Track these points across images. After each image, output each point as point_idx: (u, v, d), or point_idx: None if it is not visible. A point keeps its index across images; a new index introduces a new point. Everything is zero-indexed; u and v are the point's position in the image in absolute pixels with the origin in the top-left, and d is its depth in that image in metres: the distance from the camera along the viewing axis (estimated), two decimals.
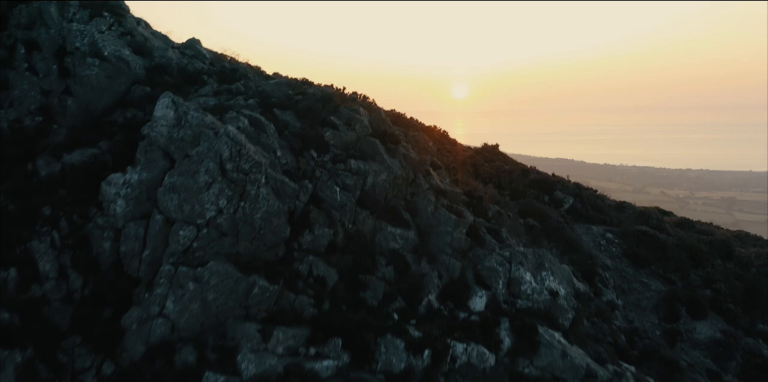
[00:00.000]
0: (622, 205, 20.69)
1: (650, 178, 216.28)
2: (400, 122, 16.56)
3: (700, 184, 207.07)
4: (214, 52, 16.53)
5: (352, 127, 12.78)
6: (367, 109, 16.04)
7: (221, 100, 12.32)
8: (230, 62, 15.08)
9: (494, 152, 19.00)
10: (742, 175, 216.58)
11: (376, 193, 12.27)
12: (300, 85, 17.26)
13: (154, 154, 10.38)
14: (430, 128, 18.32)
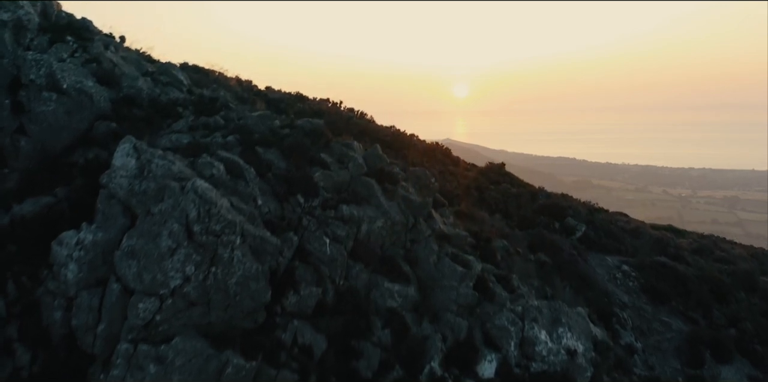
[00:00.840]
0: (637, 230, 19.14)
1: (652, 177, 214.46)
2: (399, 143, 15.02)
3: (702, 183, 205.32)
4: (200, 68, 15.04)
5: (345, 166, 11.27)
6: (365, 130, 14.54)
7: (197, 136, 10.81)
8: (213, 87, 13.57)
9: (500, 172, 17.38)
10: (745, 175, 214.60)
11: (371, 242, 10.78)
12: (294, 101, 15.77)
13: (113, 209, 8.90)
14: (431, 148, 16.75)
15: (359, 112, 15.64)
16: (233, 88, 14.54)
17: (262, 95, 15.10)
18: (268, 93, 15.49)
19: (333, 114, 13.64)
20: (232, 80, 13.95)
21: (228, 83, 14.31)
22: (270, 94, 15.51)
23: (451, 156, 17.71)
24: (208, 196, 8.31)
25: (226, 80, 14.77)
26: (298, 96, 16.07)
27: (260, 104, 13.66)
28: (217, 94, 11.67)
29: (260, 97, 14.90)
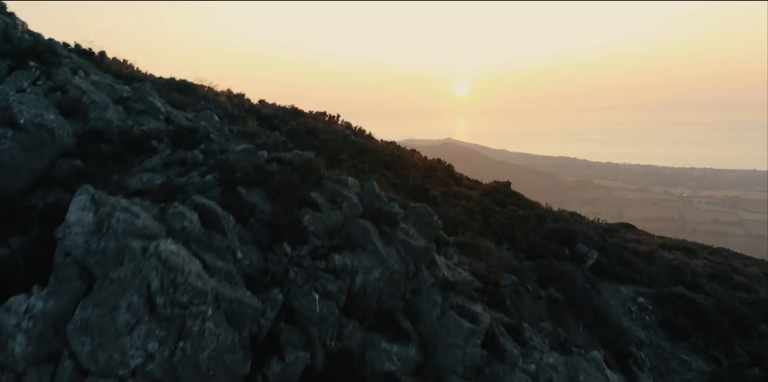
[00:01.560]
0: (650, 254, 17.82)
1: (653, 176, 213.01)
2: (399, 163, 13.72)
3: (703, 183, 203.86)
4: (188, 84, 13.76)
5: (338, 206, 10.00)
6: (363, 149, 13.26)
7: (171, 175, 9.54)
8: (200, 104, 12.28)
9: (505, 193, 16.05)
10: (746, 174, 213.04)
11: (366, 294, 9.52)
12: (288, 116, 14.51)
13: (68, 270, 7.64)
14: (432, 166, 15.44)
15: (356, 129, 14.36)
16: (223, 104, 13.28)
17: (254, 111, 13.85)
18: (261, 108, 14.23)
19: (329, 132, 12.35)
20: (222, 96, 12.67)
21: (218, 100, 13.03)
22: (263, 109, 14.26)
23: (453, 173, 16.41)
24: (173, 262, 7.04)
25: (215, 96, 13.50)
26: (293, 111, 14.81)
27: (252, 122, 12.41)
28: (197, 124, 10.37)
29: (252, 113, 13.65)
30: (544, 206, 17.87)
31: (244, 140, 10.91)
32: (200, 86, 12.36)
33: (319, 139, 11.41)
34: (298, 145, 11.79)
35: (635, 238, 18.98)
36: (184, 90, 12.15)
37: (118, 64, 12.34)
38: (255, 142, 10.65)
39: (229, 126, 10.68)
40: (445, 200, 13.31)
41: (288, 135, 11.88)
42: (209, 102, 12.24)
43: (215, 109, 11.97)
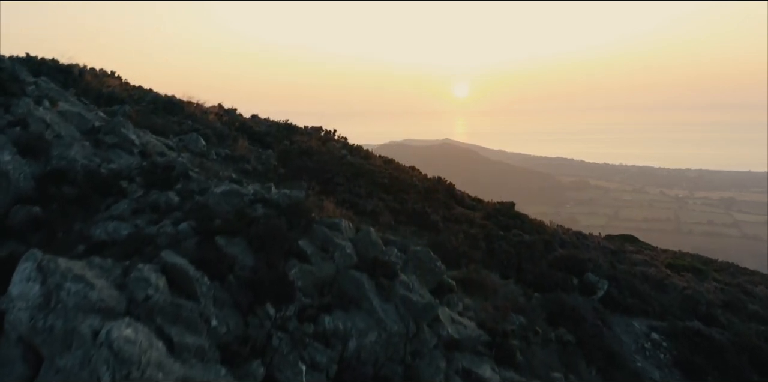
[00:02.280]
0: (662, 282, 16.66)
1: (650, 177, 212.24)
2: (398, 186, 12.51)
3: (699, 184, 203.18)
4: (175, 101, 12.55)
5: (330, 256, 8.80)
6: (360, 171, 12.04)
7: (140, 224, 8.32)
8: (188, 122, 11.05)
9: (509, 214, 14.83)
10: (741, 176, 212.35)
11: (361, 360, 8.33)
12: (281, 134, 13.32)
13: (11, 351, 6.42)
14: (432, 188, 14.23)
15: (353, 148, 13.11)
16: (212, 123, 12.05)
17: (246, 128, 12.63)
18: (253, 125, 13.00)
19: (324, 153, 11.14)
20: (212, 113, 11.45)
21: (206, 118, 11.79)
22: (255, 125, 13.03)
23: (455, 193, 15.20)
24: (127, 354, 5.82)
25: (204, 115, 12.26)
26: (286, 127, 13.58)
27: (242, 142, 11.20)
28: (173, 161, 9.11)
29: (244, 130, 12.44)
30: (550, 227, 16.65)
31: (233, 165, 9.65)
32: (188, 103, 11.17)
33: (313, 160, 10.22)
34: (290, 168, 10.57)
35: (642, 258, 17.77)
36: (171, 109, 10.95)
37: (98, 82, 11.10)
38: (243, 169, 9.41)
39: (217, 149, 9.47)
40: (447, 226, 12.09)
41: (280, 156, 10.68)
42: (197, 121, 11.04)
43: (203, 128, 10.76)
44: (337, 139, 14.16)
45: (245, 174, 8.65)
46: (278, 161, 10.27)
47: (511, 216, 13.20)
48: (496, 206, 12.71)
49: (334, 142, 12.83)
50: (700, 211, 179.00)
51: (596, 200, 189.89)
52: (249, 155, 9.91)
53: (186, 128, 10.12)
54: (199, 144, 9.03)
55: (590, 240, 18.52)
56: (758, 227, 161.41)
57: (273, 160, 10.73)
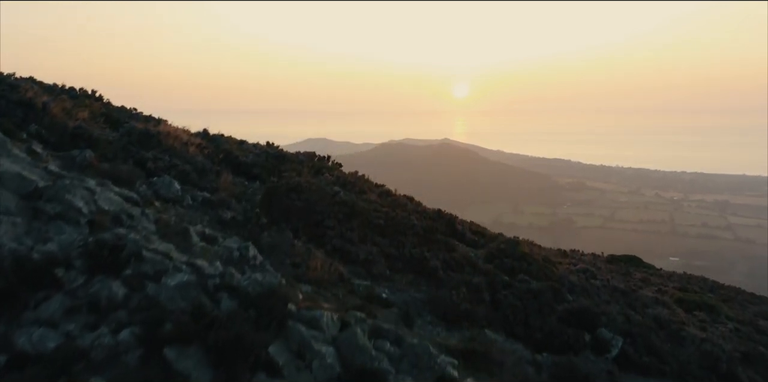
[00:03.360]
0: (679, 334, 15.49)
1: (645, 179, 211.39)
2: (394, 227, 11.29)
3: (694, 187, 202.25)
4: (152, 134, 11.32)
5: (307, 365, 7.10)
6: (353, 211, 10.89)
7: (73, 331, 6.26)
8: (158, 167, 9.86)
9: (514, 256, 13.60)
10: (736, 179, 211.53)
11: None
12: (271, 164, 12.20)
13: None
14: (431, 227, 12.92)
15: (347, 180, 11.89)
16: (192, 156, 10.81)
17: (231, 159, 11.47)
18: (240, 154, 11.82)
19: (314, 190, 9.98)
20: (192, 146, 10.27)
21: (186, 151, 10.59)
22: (242, 155, 11.85)
23: (456, 229, 14.01)
24: None
25: (184, 147, 11.02)
26: (276, 155, 12.41)
27: (225, 177, 10.04)
28: (124, 237, 7.63)
29: (229, 162, 11.29)
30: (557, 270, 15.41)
31: (210, 212, 8.49)
32: (166, 135, 9.99)
33: (302, 199, 9.10)
34: (276, 208, 9.43)
35: (653, 295, 16.70)
36: (147, 142, 9.80)
37: (66, 115, 9.87)
38: (220, 218, 8.23)
39: (194, 192, 8.33)
40: (447, 275, 10.91)
41: (266, 195, 9.52)
42: (176, 155, 9.86)
43: (182, 164, 9.59)
44: (331, 164, 13.02)
45: (222, 225, 7.52)
46: (264, 200, 9.13)
47: (516, 257, 12.08)
48: (501, 245, 11.64)
49: (328, 173, 11.66)
50: (695, 213, 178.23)
51: (593, 201, 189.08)
52: (229, 198, 8.78)
53: (162, 165, 9.00)
54: (173, 188, 7.91)
55: (598, 275, 17.32)
56: (752, 230, 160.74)
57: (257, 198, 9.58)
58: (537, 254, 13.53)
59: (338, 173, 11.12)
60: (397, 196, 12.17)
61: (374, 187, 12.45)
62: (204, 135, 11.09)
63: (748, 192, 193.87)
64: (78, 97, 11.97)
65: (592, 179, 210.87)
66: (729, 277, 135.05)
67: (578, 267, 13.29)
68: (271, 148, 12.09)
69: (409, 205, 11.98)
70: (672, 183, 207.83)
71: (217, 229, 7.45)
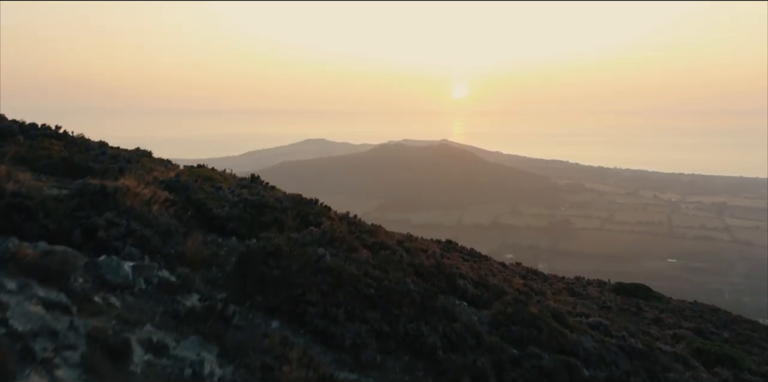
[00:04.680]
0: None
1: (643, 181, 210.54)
2: (387, 297, 9.96)
3: (692, 189, 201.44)
4: (108, 191, 10.01)
5: None
6: (339, 281, 9.69)
7: None
8: (110, 237, 8.52)
9: (523, 322, 12.21)
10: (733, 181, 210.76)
11: None
12: (249, 208, 10.88)
13: None
14: (429, 293, 11.39)
15: (333, 236, 10.31)
16: (155, 216, 9.01)
17: (204, 213, 10.08)
18: (215, 205, 10.38)
19: (295, 255, 8.73)
20: (157, 204, 8.91)
21: (147, 211, 9.14)
22: (217, 206, 10.39)
23: (457, 285, 12.65)
24: None
25: (145, 207, 9.32)
26: (256, 204, 10.96)
27: (194, 240, 8.60)
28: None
29: (200, 217, 9.94)
30: (570, 335, 13.90)
31: (164, 301, 7.11)
32: (125, 192, 8.59)
33: (281, 267, 7.80)
34: (251, 281, 8.18)
35: (671, 349, 15.36)
36: (101, 203, 8.48)
37: (4, 175, 8.35)
38: (175, 312, 6.84)
39: (149, 272, 7.00)
40: (447, 355, 9.53)
41: (240, 263, 8.23)
42: (135, 217, 8.50)
43: (141, 229, 8.23)
44: (320, 208, 11.71)
45: (178, 321, 6.22)
46: (237, 269, 7.86)
47: (525, 323, 10.74)
48: (507, 308, 10.34)
49: (314, 225, 10.30)
50: (692, 215, 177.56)
51: (591, 203, 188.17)
52: (194, 271, 7.50)
53: (117, 233, 7.66)
54: (121, 272, 6.62)
55: (613, 330, 15.82)
56: (749, 231, 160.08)
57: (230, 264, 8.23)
58: (545, 305, 12.24)
59: (326, 224, 9.81)
60: (390, 246, 10.87)
61: (368, 234, 11.15)
62: (174, 182, 9.78)
63: (746, 194, 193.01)
64: (38, 137, 10.67)
65: (591, 181, 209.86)
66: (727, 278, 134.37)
67: (591, 321, 12.01)
68: (252, 192, 10.78)
69: (405, 257, 10.70)
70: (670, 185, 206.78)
71: (171, 328, 6.11)
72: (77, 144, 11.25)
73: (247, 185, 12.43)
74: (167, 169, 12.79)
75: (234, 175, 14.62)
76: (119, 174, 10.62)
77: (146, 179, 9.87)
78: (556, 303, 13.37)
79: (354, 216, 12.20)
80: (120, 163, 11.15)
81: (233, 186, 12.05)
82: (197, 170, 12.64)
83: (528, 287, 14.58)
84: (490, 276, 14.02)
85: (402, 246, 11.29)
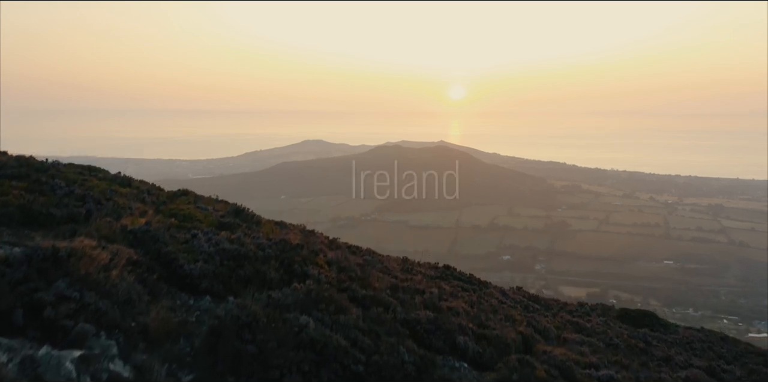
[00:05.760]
0: None
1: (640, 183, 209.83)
2: (378, 372, 8.96)
3: (688, 191, 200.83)
4: (62, 256, 8.87)
5: None
6: (321, 351, 8.75)
7: None
8: (52, 319, 7.45)
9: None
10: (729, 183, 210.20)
11: None
12: (227, 264, 9.87)
13: None
14: (428, 358, 10.32)
15: (323, 290, 9.11)
16: (114, 284, 7.57)
17: (173, 270, 8.77)
18: (187, 261, 8.99)
19: (271, 327, 7.75)
20: (116, 269, 7.83)
21: (107, 278, 7.74)
22: (189, 261, 8.97)
23: (457, 345, 11.52)
24: None
25: (104, 273, 7.91)
26: (236, 255, 9.84)
27: (158, 311, 7.50)
28: None
29: (169, 276, 8.74)
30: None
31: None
32: (80, 257, 7.26)
33: (258, 343, 6.73)
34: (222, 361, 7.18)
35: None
36: (51, 272, 7.36)
37: None
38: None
39: (96, 366, 5.97)
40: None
41: (210, 338, 7.16)
42: (90, 285, 7.27)
43: (95, 302, 7.07)
44: (306, 254, 10.64)
45: None
46: (207, 344, 6.83)
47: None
48: (513, 372, 9.33)
49: (298, 288, 9.13)
50: (689, 217, 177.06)
51: (588, 204, 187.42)
52: (153, 362, 6.46)
53: (67, 310, 6.60)
54: (62, 370, 5.60)
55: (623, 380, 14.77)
56: (745, 233, 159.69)
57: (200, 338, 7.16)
58: (552, 357, 11.22)
59: (311, 281, 8.78)
60: (383, 300, 9.85)
61: (359, 283, 10.12)
62: (144, 232, 8.74)
63: (742, 196, 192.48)
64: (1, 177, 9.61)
65: (587, 182, 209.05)
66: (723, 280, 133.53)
67: (601, 375, 11.01)
68: (232, 237, 9.73)
69: (399, 311, 9.74)
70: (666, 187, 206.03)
71: None
72: (41, 183, 10.19)
73: (228, 225, 11.36)
74: (144, 206, 11.74)
75: (215, 206, 13.52)
76: (85, 221, 9.57)
77: (113, 228, 8.83)
78: (563, 348, 12.37)
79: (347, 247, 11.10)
80: (88, 204, 10.09)
81: (213, 225, 11.00)
82: (175, 208, 11.58)
83: (531, 327, 13.57)
84: (491, 316, 12.99)
85: (396, 296, 10.24)
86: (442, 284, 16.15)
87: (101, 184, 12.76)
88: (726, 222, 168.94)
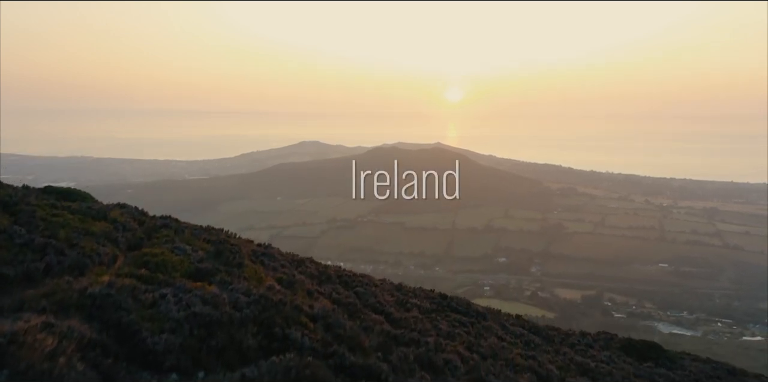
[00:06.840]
0: None
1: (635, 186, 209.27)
2: None
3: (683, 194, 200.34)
4: (20, 342, 7.88)
5: None
6: None
7: None
8: None
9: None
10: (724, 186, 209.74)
11: None
12: (196, 345, 8.82)
13: None
14: None
15: (302, 369, 8.06)
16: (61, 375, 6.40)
17: (134, 345, 7.68)
18: (150, 331, 7.77)
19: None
20: (63, 357, 6.72)
21: (52, 367, 6.59)
22: (152, 333, 7.86)
23: None
24: None
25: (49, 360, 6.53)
26: (208, 321, 8.69)
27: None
28: None
29: (128, 356, 7.61)
30: None
31: None
32: (21, 345, 5.93)
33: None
34: None
35: None
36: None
37: None
38: None
39: None
40: None
41: None
42: (35, 376, 6.07)
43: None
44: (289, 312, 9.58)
45: None
46: None
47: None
48: None
49: (276, 362, 8.03)
50: (683, 220, 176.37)
51: (583, 207, 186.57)
52: None
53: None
54: None
55: None
56: (740, 236, 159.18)
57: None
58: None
59: (295, 348, 7.74)
60: (373, 368, 8.76)
61: (347, 344, 9.11)
62: (104, 297, 7.69)
63: (737, 199, 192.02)
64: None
65: (583, 185, 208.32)
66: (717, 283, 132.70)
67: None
68: (205, 296, 8.68)
69: (391, 379, 8.67)
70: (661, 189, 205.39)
71: None
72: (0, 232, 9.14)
73: (206, 272, 10.31)
74: (114, 249, 10.67)
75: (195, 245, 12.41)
76: (43, 278, 8.54)
77: (69, 293, 7.81)
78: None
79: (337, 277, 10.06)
80: (49, 257, 9.03)
81: (188, 274, 9.96)
82: (148, 253, 10.53)
83: (534, 374, 12.58)
84: (491, 366, 11.96)
85: (388, 358, 9.23)
86: (438, 319, 15.16)
87: (72, 220, 11.69)
88: (721, 225, 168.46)
